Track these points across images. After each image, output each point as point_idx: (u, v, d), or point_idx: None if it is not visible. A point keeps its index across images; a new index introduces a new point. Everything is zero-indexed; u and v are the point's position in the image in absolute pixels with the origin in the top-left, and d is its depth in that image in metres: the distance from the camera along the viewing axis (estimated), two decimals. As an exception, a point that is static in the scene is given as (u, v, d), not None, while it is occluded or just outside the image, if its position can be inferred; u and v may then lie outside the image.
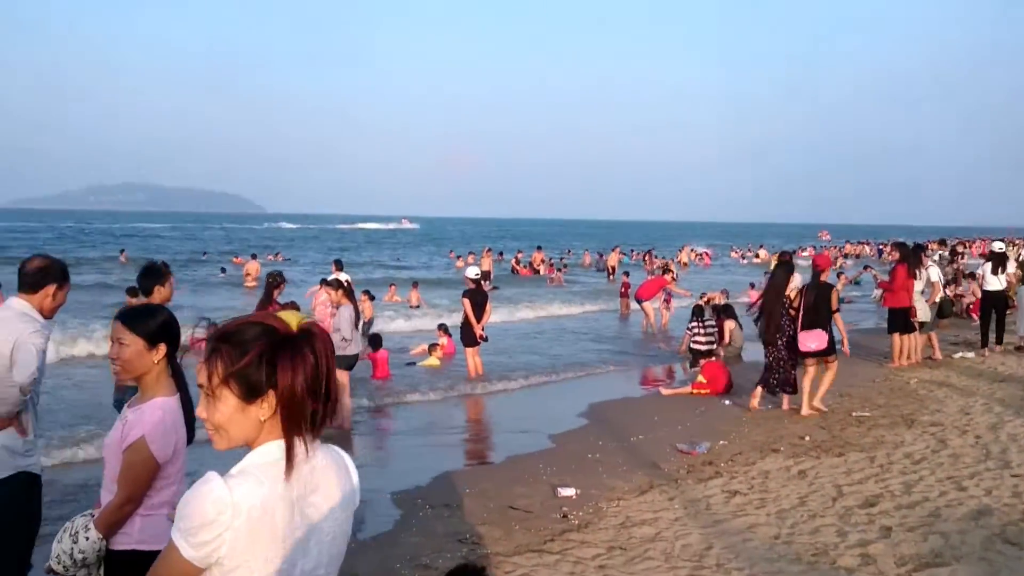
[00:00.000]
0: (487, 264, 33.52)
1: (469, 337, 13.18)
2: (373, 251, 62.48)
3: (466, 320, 13.19)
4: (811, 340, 10.28)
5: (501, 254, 46.45)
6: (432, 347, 14.97)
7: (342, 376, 9.96)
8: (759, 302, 11.09)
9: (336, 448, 2.20)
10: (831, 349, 10.39)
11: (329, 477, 2.12)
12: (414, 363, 14.68)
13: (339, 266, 15.45)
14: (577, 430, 10.00)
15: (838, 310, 10.54)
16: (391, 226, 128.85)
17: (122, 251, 46.16)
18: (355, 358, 10.20)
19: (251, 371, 1.97)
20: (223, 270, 34.47)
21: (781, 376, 10.57)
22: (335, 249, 59.21)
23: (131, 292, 15.79)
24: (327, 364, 2.04)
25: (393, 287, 25.84)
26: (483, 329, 13.23)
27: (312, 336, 2.04)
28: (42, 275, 4.41)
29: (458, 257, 46.23)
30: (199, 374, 2.03)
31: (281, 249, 54.69)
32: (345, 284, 10.38)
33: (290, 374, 1.98)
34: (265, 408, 1.99)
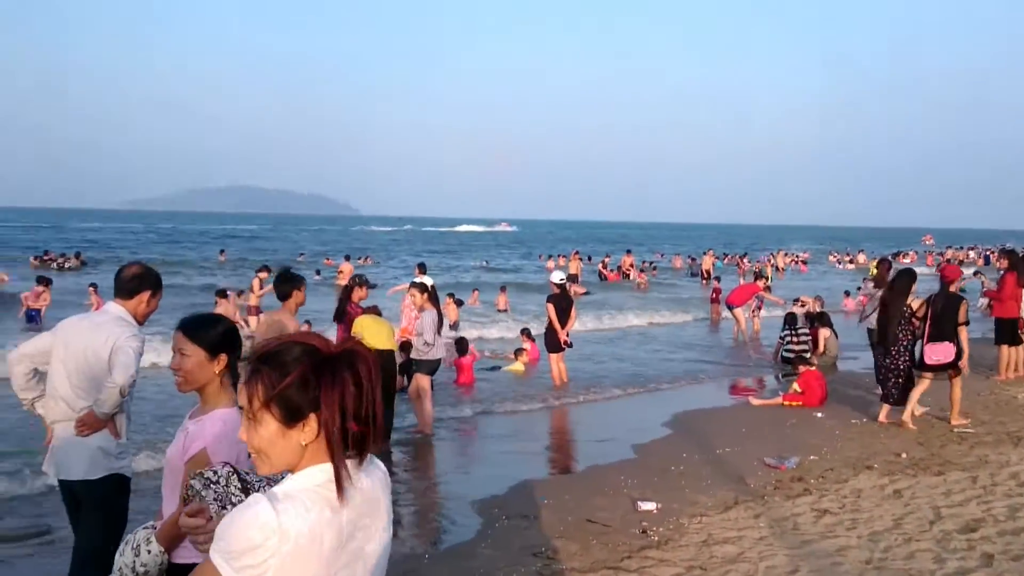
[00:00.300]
0: (575, 268, 33.39)
1: (553, 343, 13.08)
2: (465, 254, 62.82)
3: (550, 326, 13.11)
4: (938, 352, 9.77)
5: (590, 258, 46.21)
6: (518, 352, 14.89)
7: (423, 381, 9.97)
8: (878, 308, 10.60)
9: (377, 463, 2.12)
10: (954, 363, 9.88)
11: (377, 499, 2.06)
12: (498, 367, 14.63)
13: (422, 269, 15.52)
14: (661, 440, 9.77)
15: (967, 323, 9.91)
16: (481, 228, 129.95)
17: (222, 251, 47.75)
18: (437, 363, 10.17)
19: (292, 393, 1.91)
20: (317, 272, 35.14)
21: (889, 385, 10.16)
22: (425, 252, 59.77)
23: (220, 294, 16.17)
24: (371, 385, 1.96)
25: (476, 292, 25.83)
26: (567, 335, 13.10)
27: (355, 356, 1.96)
28: (138, 282, 4.59)
29: (548, 257, 46.10)
30: (239, 396, 1.96)
31: (371, 252, 55.43)
32: (429, 288, 10.34)
33: (331, 396, 1.90)
34: (307, 432, 1.93)
